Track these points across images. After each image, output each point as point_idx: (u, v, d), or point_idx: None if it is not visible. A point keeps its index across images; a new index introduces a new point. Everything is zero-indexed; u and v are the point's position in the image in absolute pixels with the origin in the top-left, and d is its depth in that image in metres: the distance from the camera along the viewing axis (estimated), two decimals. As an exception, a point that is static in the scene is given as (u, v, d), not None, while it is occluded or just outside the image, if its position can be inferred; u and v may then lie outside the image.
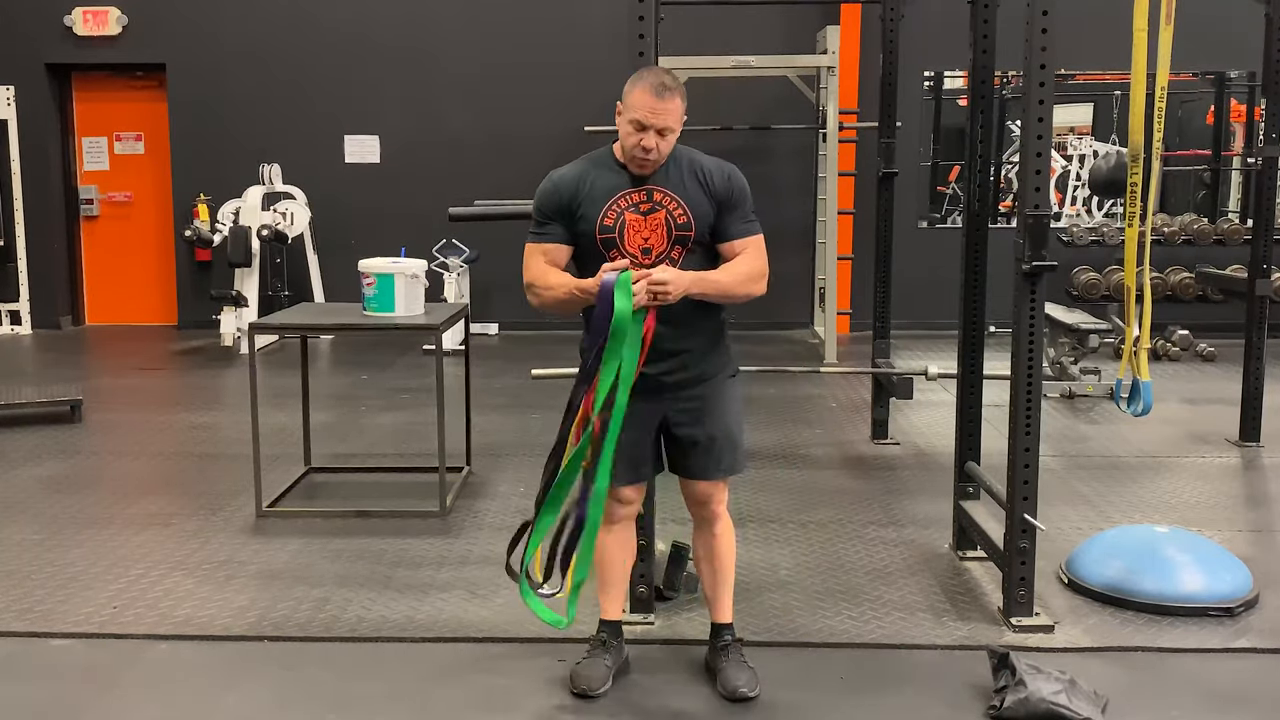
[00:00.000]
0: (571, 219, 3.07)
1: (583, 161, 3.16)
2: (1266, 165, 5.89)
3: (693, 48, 8.32)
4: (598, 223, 3.02)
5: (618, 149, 3.10)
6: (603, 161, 3.12)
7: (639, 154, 2.98)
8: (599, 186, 3.06)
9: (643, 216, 3.03)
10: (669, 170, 3.07)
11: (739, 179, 3.12)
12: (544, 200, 3.11)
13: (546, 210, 3.10)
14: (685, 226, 3.03)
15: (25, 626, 3.68)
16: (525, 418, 6.57)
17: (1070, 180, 10.89)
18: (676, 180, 3.06)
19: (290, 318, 5.77)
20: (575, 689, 3.19)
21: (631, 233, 3.02)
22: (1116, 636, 3.59)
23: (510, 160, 9.67)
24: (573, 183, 3.08)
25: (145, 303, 10.55)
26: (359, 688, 3.28)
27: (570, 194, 3.07)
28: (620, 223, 3.03)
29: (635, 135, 2.97)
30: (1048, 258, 3.48)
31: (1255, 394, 5.96)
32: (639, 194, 3.04)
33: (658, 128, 2.95)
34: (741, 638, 3.37)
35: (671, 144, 3.02)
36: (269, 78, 10.01)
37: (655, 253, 3.03)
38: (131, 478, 5.57)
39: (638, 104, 2.96)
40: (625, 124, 3.00)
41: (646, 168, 3.02)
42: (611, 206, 3.03)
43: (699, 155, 3.13)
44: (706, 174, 3.08)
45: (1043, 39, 3.40)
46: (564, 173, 3.13)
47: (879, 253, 6.18)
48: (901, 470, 5.59)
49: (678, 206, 3.04)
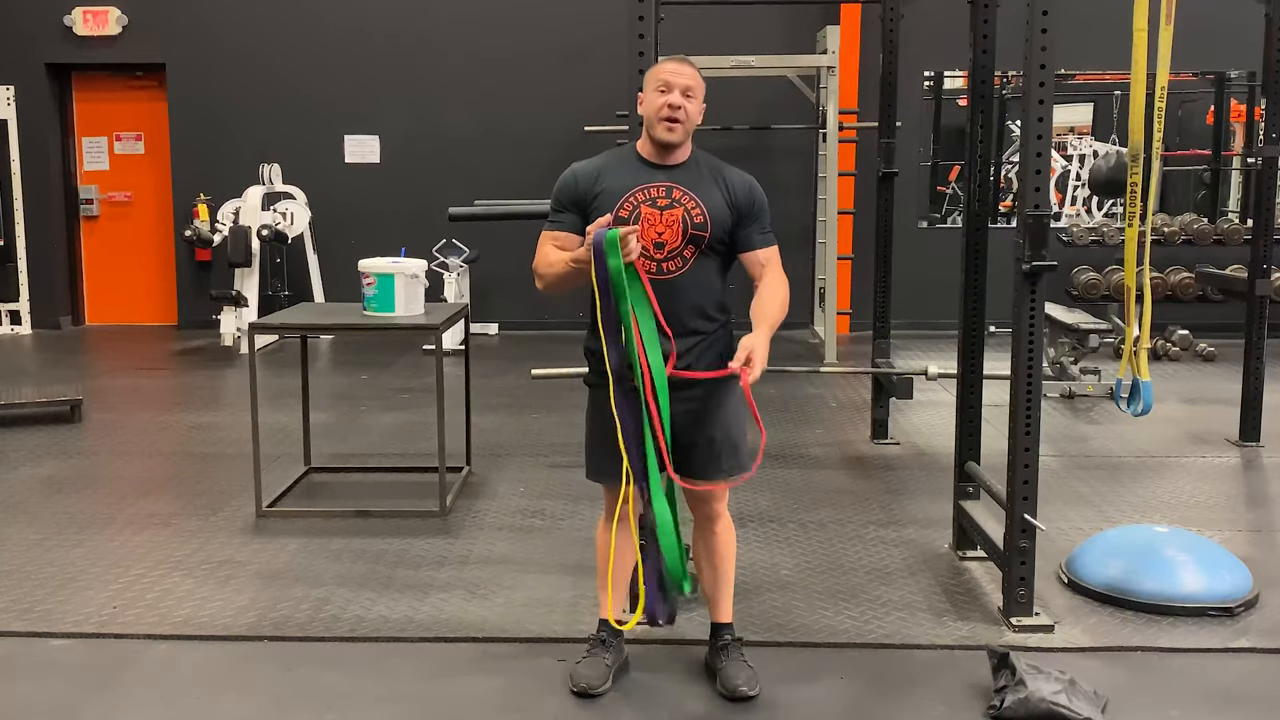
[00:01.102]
0: (586, 210, 3.09)
1: (605, 155, 3.22)
2: (1266, 165, 5.90)
3: (693, 48, 8.25)
4: (614, 214, 3.03)
5: (642, 145, 3.13)
6: (625, 156, 3.17)
7: (667, 114, 3.02)
8: (618, 180, 3.09)
9: (659, 211, 3.05)
10: (694, 171, 3.11)
11: (760, 191, 3.17)
12: (561, 190, 3.16)
13: (563, 200, 3.14)
14: (701, 227, 3.05)
15: (25, 626, 3.68)
16: (525, 418, 6.57)
17: (1070, 180, 10.89)
18: (699, 181, 3.09)
19: (290, 318, 5.77)
20: (575, 688, 3.19)
21: (646, 226, 3.03)
22: (1116, 636, 3.59)
23: (510, 160, 9.68)
24: (591, 175, 3.12)
25: (145, 303, 10.55)
26: (359, 688, 3.28)
27: (587, 186, 3.10)
28: (636, 215, 3.04)
29: (661, 97, 3.03)
30: (1048, 258, 3.48)
31: (1255, 394, 5.96)
32: (658, 189, 3.07)
33: (681, 87, 3.03)
34: (741, 637, 3.37)
35: (697, 111, 3.09)
36: (269, 78, 10.01)
37: (668, 248, 3.04)
38: (131, 478, 5.57)
39: (659, 71, 3.08)
40: (651, 94, 3.07)
41: (676, 131, 3.04)
42: (629, 199, 3.06)
43: (722, 163, 3.19)
44: (729, 182, 3.12)
45: (1043, 39, 3.40)
46: (584, 164, 3.18)
47: (879, 253, 6.18)
48: (901, 470, 5.59)
49: (696, 206, 3.06)
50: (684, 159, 3.12)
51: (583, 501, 4.89)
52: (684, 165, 3.11)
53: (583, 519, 4.71)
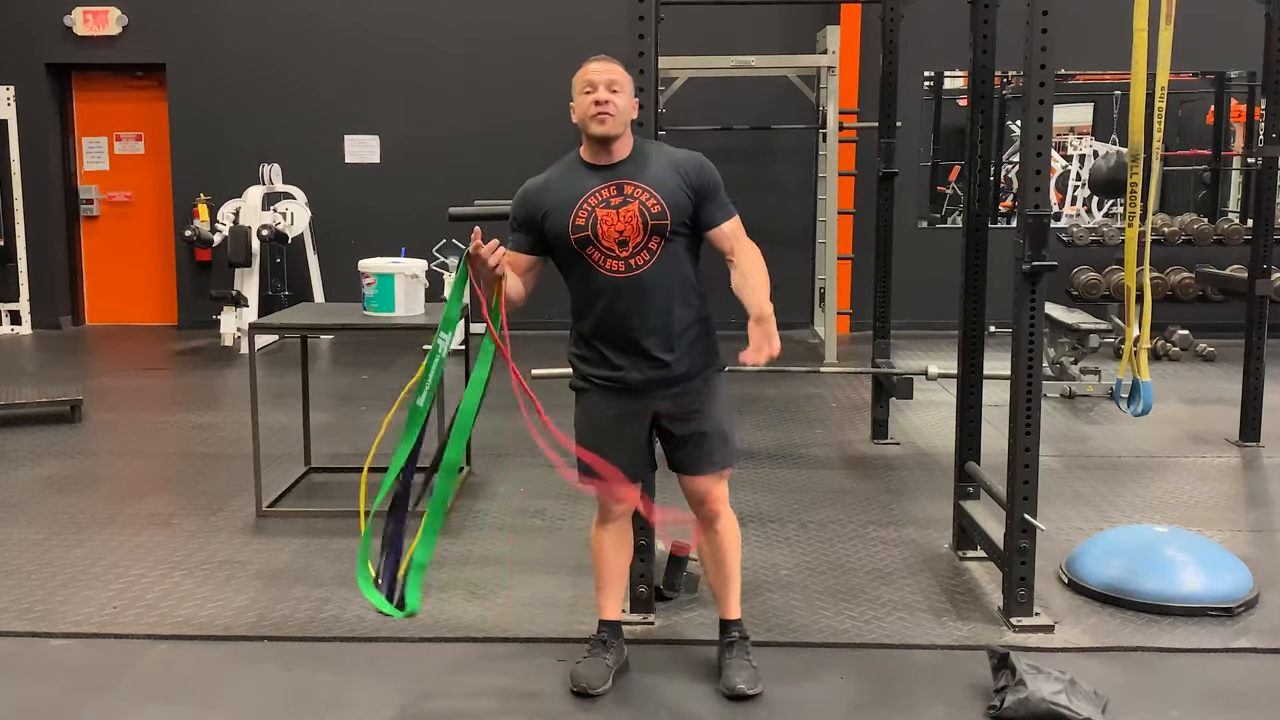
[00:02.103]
0: (538, 226, 3.12)
1: (553, 167, 3.22)
2: (1266, 165, 5.89)
3: (693, 48, 8.33)
4: (569, 224, 3.05)
5: (584, 150, 3.14)
6: (570, 164, 3.17)
7: (594, 110, 3.02)
8: (567, 189, 3.10)
9: (615, 210, 3.05)
10: (640, 162, 3.11)
11: (710, 166, 3.16)
12: (515, 208, 3.20)
13: (516, 218, 3.19)
14: (660, 216, 3.04)
15: (25, 626, 3.68)
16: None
17: (1070, 180, 10.89)
18: (648, 171, 3.09)
19: (290, 318, 5.77)
20: (575, 688, 3.19)
21: (605, 227, 3.04)
22: (1116, 636, 3.59)
23: (510, 160, 9.60)
24: (539, 191, 3.15)
25: (145, 303, 10.55)
26: (359, 688, 3.28)
27: (536, 203, 3.13)
28: (592, 219, 3.05)
29: (588, 97, 3.04)
30: (1048, 258, 3.48)
31: (1255, 394, 5.96)
32: (609, 189, 3.07)
33: (605, 83, 3.04)
34: (748, 635, 3.36)
35: (625, 105, 3.08)
36: (269, 78, 10.01)
37: (632, 244, 3.05)
38: (131, 478, 5.57)
39: (582, 74, 3.09)
40: (579, 98, 3.08)
41: (607, 123, 3.03)
42: (581, 206, 3.06)
43: (669, 148, 3.20)
44: (680, 166, 3.12)
45: (1043, 39, 3.40)
46: (533, 182, 3.20)
47: (879, 253, 6.18)
48: (901, 470, 5.59)
49: (650, 197, 3.05)
50: (626, 153, 3.12)
51: (582, 501, 4.88)
52: (628, 160, 3.11)
53: (582, 519, 4.70)
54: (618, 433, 3.17)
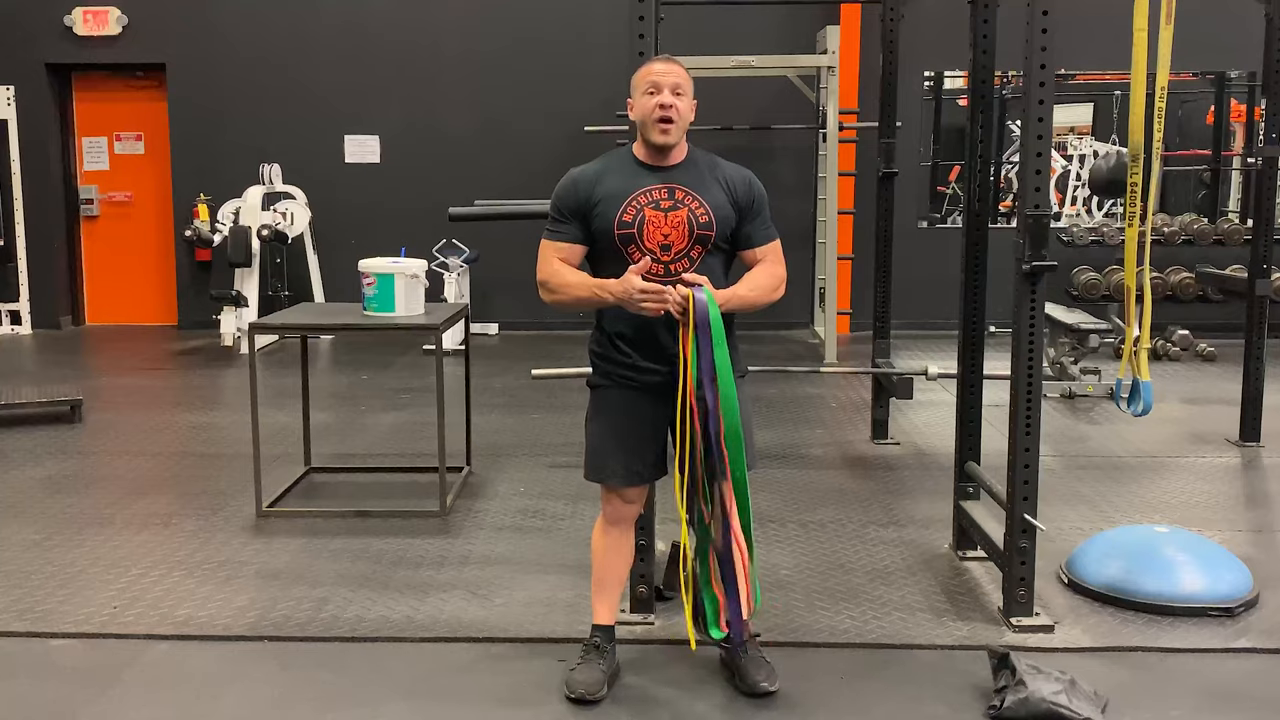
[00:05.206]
0: (588, 217, 3.07)
1: (603, 159, 3.18)
2: (1266, 165, 5.90)
3: (693, 48, 8.31)
4: (616, 219, 3.02)
5: (638, 148, 3.11)
6: (624, 159, 3.14)
7: (659, 114, 3.01)
8: (618, 184, 3.06)
9: (663, 214, 3.03)
10: (694, 170, 3.09)
11: (759, 186, 3.16)
12: (562, 198, 3.12)
13: (564, 208, 3.11)
14: (707, 226, 3.04)
15: (25, 626, 3.68)
16: (525, 418, 6.57)
17: (1070, 180, 10.89)
18: (700, 180, 3.08)
19: (290, 318, 5.77)
20: (573, 694, 3.15)
21: (651, 229, 3.02)
22: (1116, 636, 3.59)
23: (510, 160, 9.68)
24: (591, 180, 3.09)
25: (145, 303, 10.55)
26: (359, 688, 3.28)
27: (587, 193, 3.08)
28: (640, 219, 3.02)
29: (652, 98, 3.02)
30: (1048, 258, 3.48)
31: (1255, 394, 5.96)
32: (661, 190, 3.05)
33: (670, 85, 3.02)
34: (759, 633, 3.36)
35: (687, 110, 3.06)
36: (269, 78, 10.01)
37: (675, 250, 3.03)
38: (131, 478, 5.56)
39: (646, 73, 3.07)
40: (641, 97, 3.06)
41: (670, 133, 3.02)
42: (631, 203, 3.03)
43: (721, 160, 3.18)
44: (729, 179, 3.11)
45: (1043, 39, 3.40)
46: (583, 170, 3.14)
47: (879, 253, 6.18)
48: (901, 470, 5.59)
49: (700, 205, 3.04)
50: (681, 159, 3.11)
51: (583, 501, 4.89)
52: (682, 165, 3.10)
53: (583, 519, 4.71)
54: (635, 433, 3.15)
